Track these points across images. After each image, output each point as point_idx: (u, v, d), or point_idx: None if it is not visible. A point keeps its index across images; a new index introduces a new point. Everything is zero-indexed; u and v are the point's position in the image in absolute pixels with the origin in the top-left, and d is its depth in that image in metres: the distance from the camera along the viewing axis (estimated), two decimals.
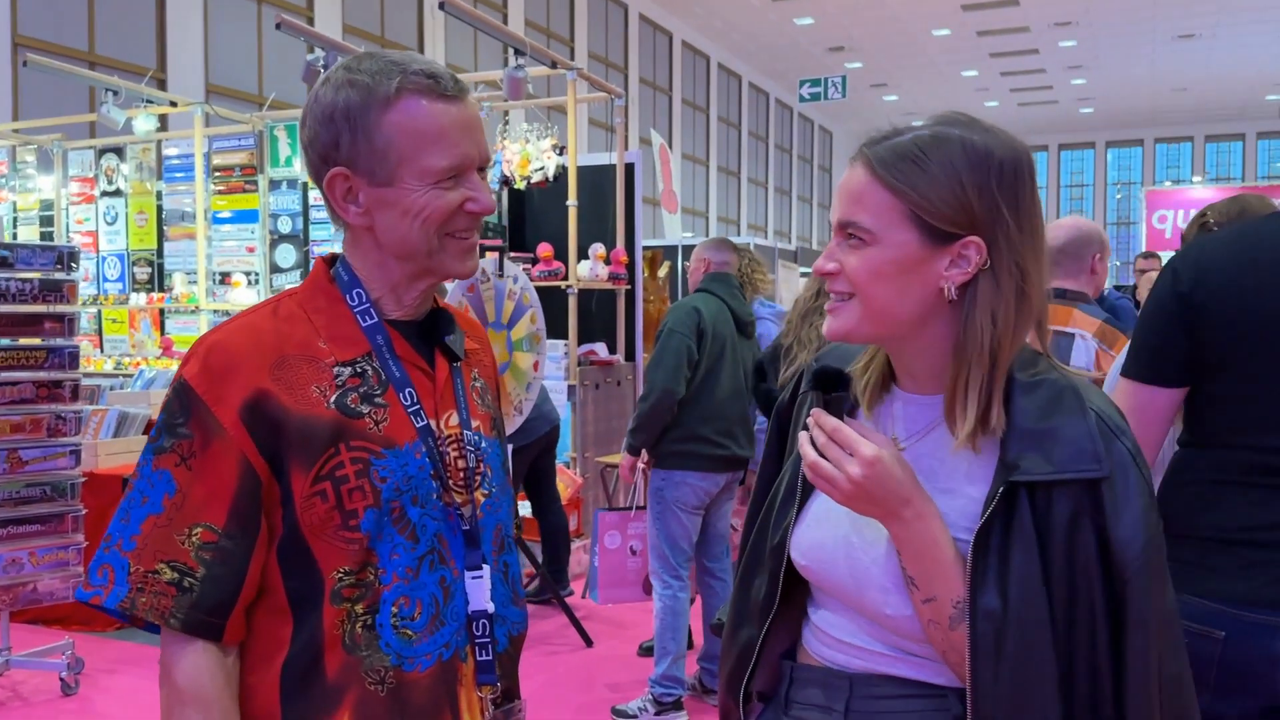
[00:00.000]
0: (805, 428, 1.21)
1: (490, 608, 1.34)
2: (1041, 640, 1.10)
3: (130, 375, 6.81)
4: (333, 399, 1.27)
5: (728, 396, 4.09)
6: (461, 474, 1.35)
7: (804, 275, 15.01)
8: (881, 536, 1.19)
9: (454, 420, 1.37)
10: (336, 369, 1.29)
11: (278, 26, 5.95)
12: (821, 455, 1.17)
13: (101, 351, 8.02)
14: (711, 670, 4.23)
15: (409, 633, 1.27)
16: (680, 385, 3.94)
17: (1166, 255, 5.83)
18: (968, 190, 1.14)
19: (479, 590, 1.33)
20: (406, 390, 1.31)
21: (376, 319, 1.32)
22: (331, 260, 1.38)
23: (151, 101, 7.79)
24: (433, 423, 1.33)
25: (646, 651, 4.63)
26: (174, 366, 6.83)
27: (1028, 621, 1.10)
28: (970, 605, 1.12)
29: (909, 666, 1.20)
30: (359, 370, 1.30)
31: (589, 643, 4.97)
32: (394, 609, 1.27)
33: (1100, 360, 2.96)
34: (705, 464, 4.04)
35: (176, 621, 1.21)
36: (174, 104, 7.99)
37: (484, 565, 1.34)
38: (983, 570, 1.12)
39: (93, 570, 1.24)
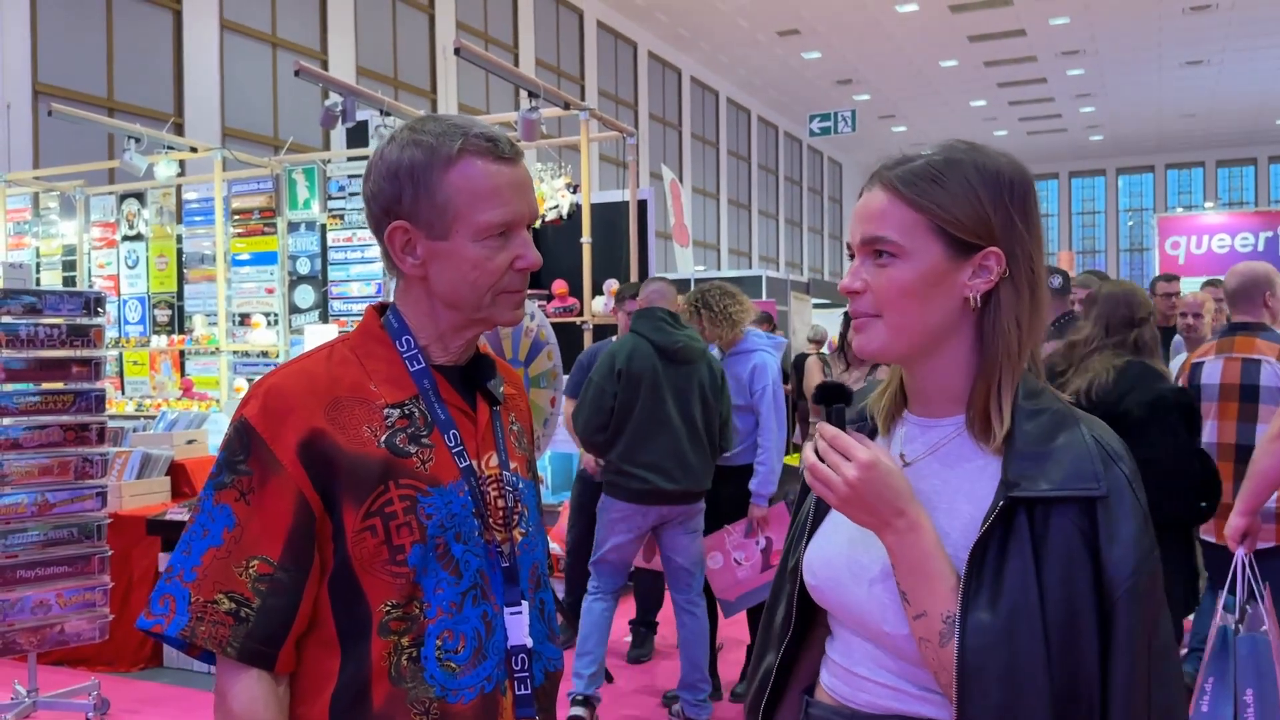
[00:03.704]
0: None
1: (529, 643, 1.39)
2: (1033, 659, 1.10)
3: (151, 417, 6.87)
4: (383, 439, 1.34)
5: (652, 431, 4.16)
6: (501, 513, 1.41)
7: (817, 306, 15.04)
8: (881, 552, 1.21)
9: (494, 461, 1.43)
10: (386, 410, 1.36)
11: (297, 74, 6.05)
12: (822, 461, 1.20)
13: (123, 393, 8.10)
14: (690, 701, 4.30)
15: (453, 665, 1.32)
16: (594, 429, 4.24)
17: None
18: (985, 203, 1.19)
19: (518, 626, 1.39)
20: (451, 432, 1.38)
21: (424, 364, 1.40)
22: (381, 308, 1.45)
23: (172, 147, 7.92)
24: (475, 463, 1.40)
25: (670, 701, 4.62)
26: (195, 408, 6.89)
27: (1019, 639, 1.10)
28: (960, 620, 1.12)
29: (919, 703, 1.20)
30: (407, 412, 1.37)
31: (609, 679, 4.97)
32: (438, 642, 1.32)
33: None
34: (628, 495, 4.20)
35: (233, 650, 1.27)
36: (194, 149, 8.12)
37: (523, 601, 1.40)
38: (976, 586, 1.13)
39: (154, 600, 1.30)
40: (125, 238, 8.42)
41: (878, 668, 1.24)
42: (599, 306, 6.53)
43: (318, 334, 6.79)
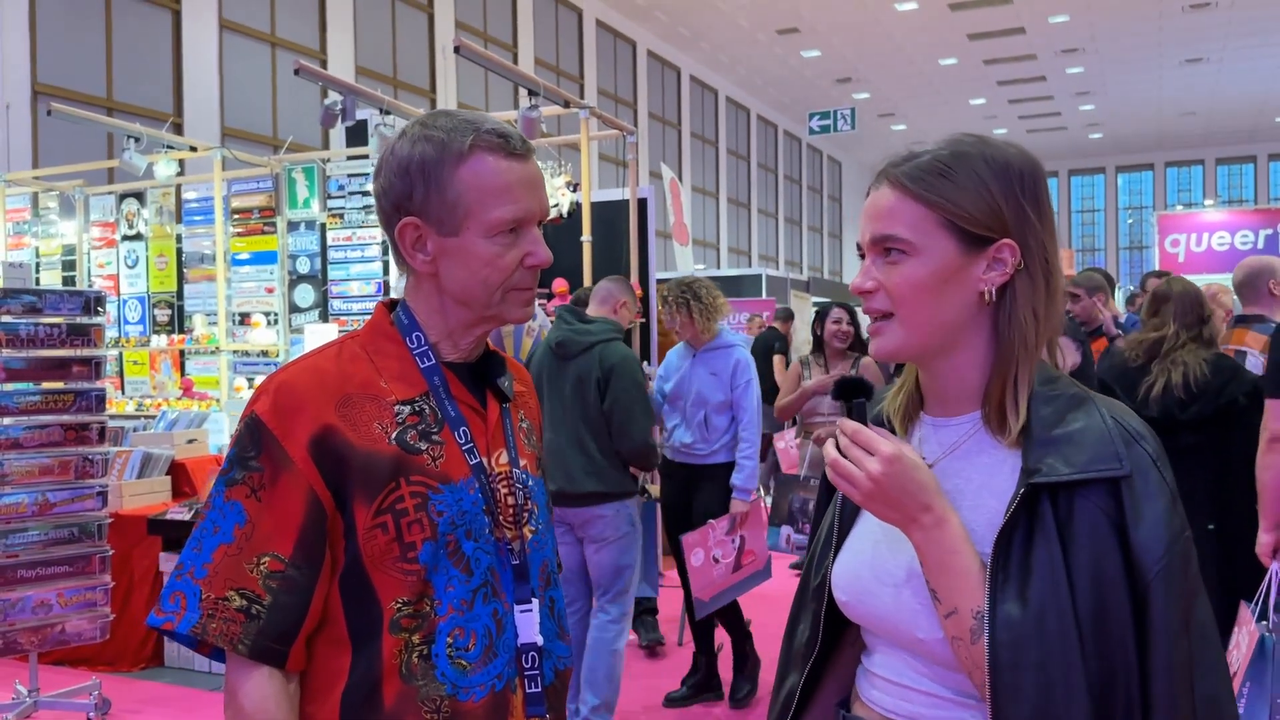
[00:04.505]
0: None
1: (539, 641, 1.39)
2: (1067, 650, 1.06)
3: (152, 416, 6.86)
4: (394, 435, 1.33)
5: (546, 430, 3.99)
6: (511, 510, 1.41)
7: (816, 304, 15.04)
8: (908, 556, 1.19)
9: (504, 459, 1.43)
10: (397, 407, 1.35)
11: (296, 72, 6.04)
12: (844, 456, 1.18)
13: (123, 393, 8.09)
14: (581, 713, 4.01)
15: (463, 663, 1.32)
16: None
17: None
18: (995, 195, 1.17)
19: (528, 623, 1.38)
20: (461, 429, 1.37)
21: (434, 361, 1.39)
22: (391, 305, 1.44)
23: (172, 147, 7.91)
24: (485, 460, 1.39)
25: (671, 702, 4.60)
26: (195, 407, 6.89)
27: (1051, 630, 1.07)
28: (989, 614, 1.09)
29: (958, 709, 1.18)
30: (417, 409, 1.36)
31: None
32: (449, 640, 1.31)
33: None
34: None
35: (244, 648, 1.26)
36: (193, 149, 8.11)
37: (533, 599, 1.39)
38: (1003, 578, 1.10)
39: (164, 597, 1.29)
40: (125, 237, 8.41)
41: (918, 676, 1.21)
42: None
43: (318, 333, 6.78)
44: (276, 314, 7.72)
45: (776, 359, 9.40)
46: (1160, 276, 6.49)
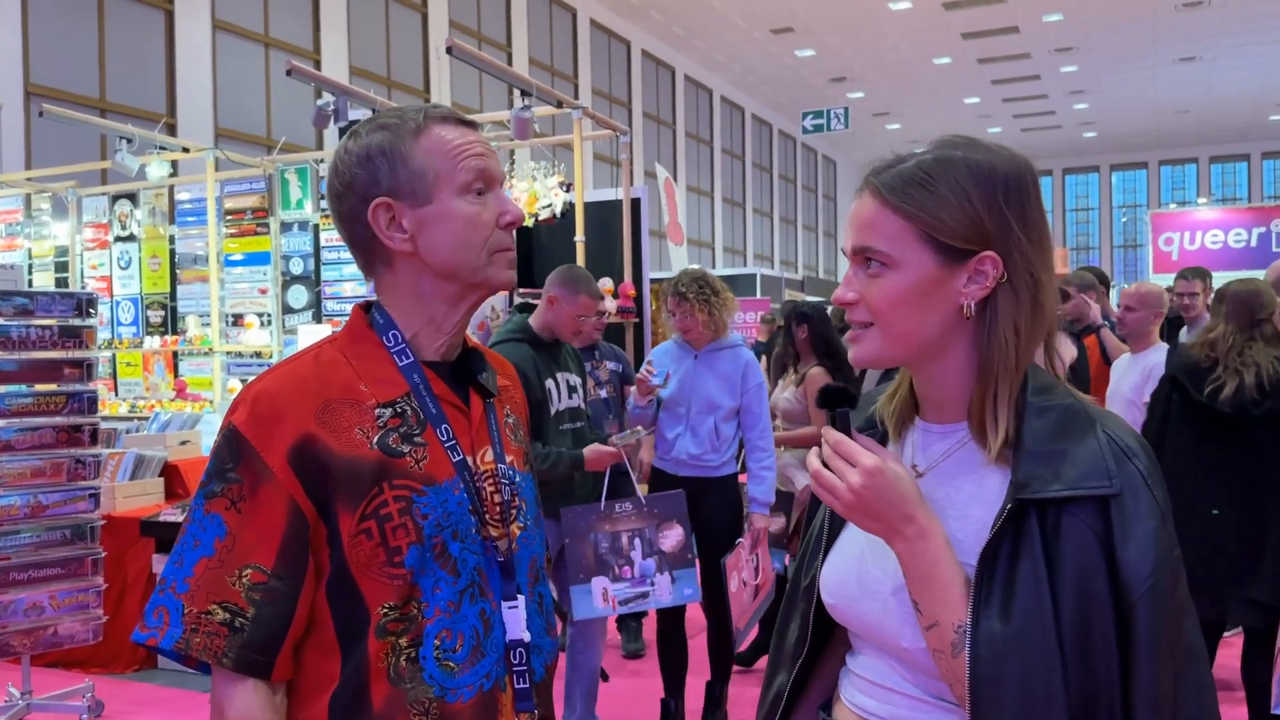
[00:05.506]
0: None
1: (527, 637, 1.38)
2: (1048, 666, 1.05)
3: (145, 418, 6.85)
4: (375, 440, 1.31)
5: None
6: (498, 508, 1.40)
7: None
8: (894, 564, 1.17)
9: (489, 456, 1.41)
10: (377, 410, 1.33)
11: (288, 73, 6.04)
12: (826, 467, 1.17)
13: (116, 395, 8.07)
14: None
15: (451, 664, 1.31)
16: None
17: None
18: (977, 207, 1.14)
19: (515, 620, 1.37)
20: (443, 427, 1.36)
21: (412, 359, 1.38)
22: (367, 307, 1.43)
23: (164, 148, 7.90)
24: (469, 458, 1.38)
25: (669, 700, 4.52)
26: (188, 408, 6.88)
27: (1033, 646, 1.06)
28: (971, 629, 1.08)
29: (940, 713, 1.17)
30: (399, 410, 1.35)
31: (605, 678, 4.96)
32: (436, 641, 1.30)
33: None
34: None
35: (229, 661, 1.25)
36: (186, 150, 8.10)
37: (519, 595, 1.38)
38: (986, 593, 1.09)
39: (148, 613, 1.28)
40: (118, 238, 8.39)
41: (901, 680, 1.20)
42: None
43: (311, 334, 6.77)
44: (270, 315, 7.71)
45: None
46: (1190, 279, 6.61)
